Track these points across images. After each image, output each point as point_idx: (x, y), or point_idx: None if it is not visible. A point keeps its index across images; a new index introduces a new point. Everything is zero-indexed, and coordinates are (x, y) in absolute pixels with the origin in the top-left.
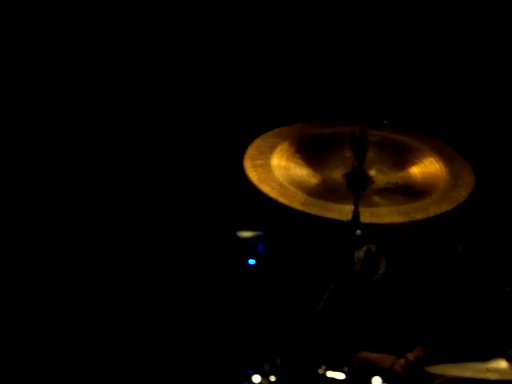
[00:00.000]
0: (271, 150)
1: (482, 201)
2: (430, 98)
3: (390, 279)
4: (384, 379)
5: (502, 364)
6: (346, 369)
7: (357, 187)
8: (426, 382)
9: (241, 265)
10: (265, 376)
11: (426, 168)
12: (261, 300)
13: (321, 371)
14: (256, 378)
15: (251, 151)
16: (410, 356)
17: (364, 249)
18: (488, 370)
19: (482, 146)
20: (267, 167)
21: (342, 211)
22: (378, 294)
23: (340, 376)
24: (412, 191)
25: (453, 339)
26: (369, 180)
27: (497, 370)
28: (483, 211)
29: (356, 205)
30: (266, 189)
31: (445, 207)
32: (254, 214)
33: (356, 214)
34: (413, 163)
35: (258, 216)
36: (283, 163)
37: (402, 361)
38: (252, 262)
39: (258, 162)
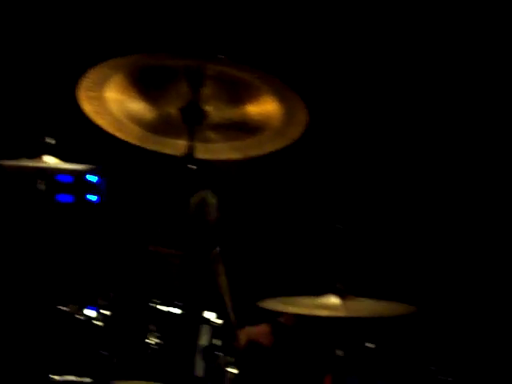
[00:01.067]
0: (106, 82)
1: (315, 139)
2: (267, 33)
3: (223, 224)
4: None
5: (333, 300)
6: (179, 303)
7: (192, 122)
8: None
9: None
10: (99, 310)
11: (262, 105)
12: (98, 235)
13: (155, 305)
14: (90, 312)
15: (85, 83)
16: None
17: (200, 194)
18: (318, 307)
19: (317, 83)
20: (102, 100)
21: (178, 146)
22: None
23: (174, 310)
24: (247, 127)
25: (286, 275)
26: (204, 115)
27: (327, 306)
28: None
29: (191, 140)
30: (100, 122)
31: (279, 144)
32: (90, 148)
33: (191, 149)
34: (249, 99)
35: (95, 150)
36: (118, 96)
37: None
38: (94, 198)
39: (93, 93)
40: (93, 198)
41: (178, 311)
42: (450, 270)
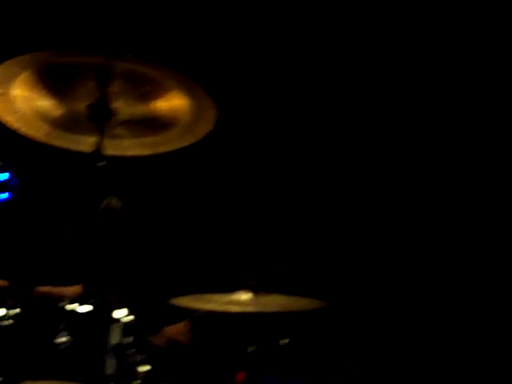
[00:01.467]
0: (13, 79)
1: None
2: (175, 30)
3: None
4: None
5: (246, 296)
6: (91, 301)
7: (100, 119)
8: None
9: None
10: (8, 309)
11: (170, 101)
12: (9, 233)
13: (63, 304)
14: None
15: None
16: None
17: (106, 200)
18: (230, 303)
19: (226, 79)
20: (8, 97)
21: (87, 143)
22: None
23: (82, 309)
24: (157, 124)
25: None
26: (112, 112)
27: (239, 302)
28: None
29: (99, 137)
30: (8, 119)
31: (188, 140)
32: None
33: (99, 145)
34: (157, 96)
35: (5, 147)
36: (26, 93)
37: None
38: (4, 195)
39: None
40: (3, 195)
41: (88, 309)
42: (362, 263)
